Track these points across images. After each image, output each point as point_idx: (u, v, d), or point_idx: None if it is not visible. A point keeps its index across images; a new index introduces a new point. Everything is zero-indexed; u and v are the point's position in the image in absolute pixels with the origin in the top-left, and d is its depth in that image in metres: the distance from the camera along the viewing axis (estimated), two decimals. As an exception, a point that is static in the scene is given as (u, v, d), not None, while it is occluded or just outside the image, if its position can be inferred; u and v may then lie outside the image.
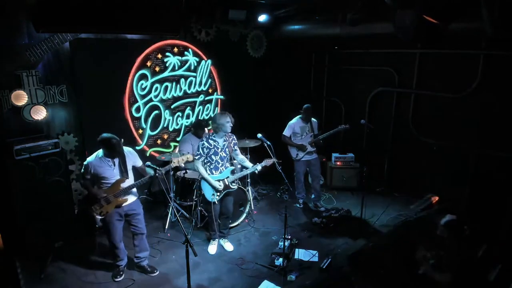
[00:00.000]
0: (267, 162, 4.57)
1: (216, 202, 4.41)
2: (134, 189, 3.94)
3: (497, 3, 3.06)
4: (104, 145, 3.64)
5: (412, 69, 6.09)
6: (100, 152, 3.74)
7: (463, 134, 5.57)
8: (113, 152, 3.67)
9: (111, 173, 3.74)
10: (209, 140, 4.29)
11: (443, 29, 3.37)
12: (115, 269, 4.09)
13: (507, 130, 5.05)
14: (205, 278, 4.12)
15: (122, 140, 3.79)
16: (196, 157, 4.28)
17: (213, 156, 4.32)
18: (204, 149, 4.26)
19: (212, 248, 4.60)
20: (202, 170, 4.31)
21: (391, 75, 6.46)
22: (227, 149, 4.43)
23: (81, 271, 4.17)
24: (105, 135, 3.64)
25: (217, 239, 4.68)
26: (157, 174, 3.64)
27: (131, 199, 3.91)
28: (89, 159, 3.75)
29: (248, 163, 4.64)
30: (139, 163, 3.97)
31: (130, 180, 3.86)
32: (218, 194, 4.40)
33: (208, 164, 4.35)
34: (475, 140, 5.40)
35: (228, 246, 4.71)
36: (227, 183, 4.44)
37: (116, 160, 3.77)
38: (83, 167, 3.80)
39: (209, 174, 4.34)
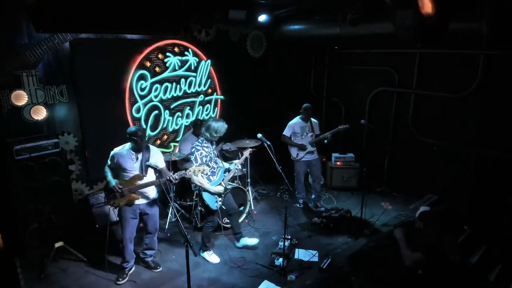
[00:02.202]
0: (246, 153, 4.67)
1: (224, 207, 4.42)
2: (153, 190, 4.00)
3: (493, 4, 3.08)
4: (129, 135, 3.74)
5: (412, 69, 6.09)
6: (128, 145, 3.86)
7: (463, 134, 5.57)
8: (135, 143, 3.75)
9: (132, 166, 3.82)
10: (204, 148, 4.16)
11: (443, 29, 3.37)
12: (120, 271, 4.06)
13: (507, 130, 5.05)
14: (205, 278, 4.12)
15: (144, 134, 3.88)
16: None
17: (209, 163, 4.20)
18: (203, 158, 4.12)
19: (214, 258, 4.46)
20: (204, 182, 4.16)
21: (391, 75, 6.46)
22: (216, 151, 4.42)
23: (81, 271, 4.18)
24: (132, 127, 3.85)
25: (211, 249, 4.58)
26: (174, 180, 3.77)
27: (147, 199, 3.97)
28: (115, 149, 3.88)
29: (222, 163, 4.62)
30: (160, 165, 4.01)
31: (148, 179, 3.89)
32: (220, 199, 4.37)
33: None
34: (475, 140, 5.40)
35: (252, 241, 4.71)
36: (224, 185, 4.40)
37: (140, 155, 3.85)
38: (109, 156, 3.92)
39: (208, 182, 4.22)
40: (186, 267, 3.05)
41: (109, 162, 3.92)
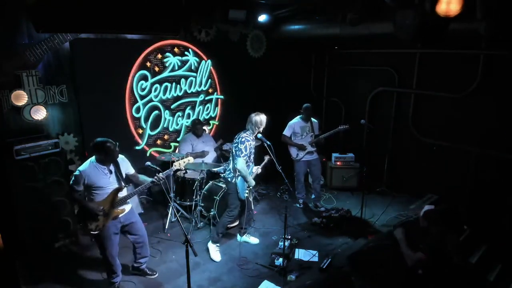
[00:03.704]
0: (266, 159, 4.73)
1: (250, 199, 4.60)
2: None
3: (492, 4, 3.07)
4: (98, 149, 3.40)
5: (412, 69, 6.08)
6: (92, 159, 3.48)
7: (463, 134, 5.56)
8: (109, 157, 3.43)
9: (107, 181, 3.48)
10: (252, 141, 4.32)
11: (443, 29, 3.37)
12: (109, 287, 3.83)
13: (507, 130, 5.05)
14: (205, 278, 4.12)
15: (118, 144, 3.55)
16: (243, 157, 4.21)
17: (250, 156, 4.38)
18: (251, 149, 4.31)
19: (217, 255, 4.48)
20: (246, 169, 4.29)
21: (391, 75, 6.46)
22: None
23: (81, 271, 4.17)
24: (99, 139, 3.42)
25: (219, 246, 4.62)
26: (159, 181, 3.45)
27: (127, 208, 3.71)
28: (81, 167, 3.43)
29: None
30: (131, 170, 3.75)
31: (125, 189, 3.66)
32: (248, 191, 4.50)
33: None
34: (475, 140, 5.40)
35: (254, 240, 4.85)
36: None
37: (112, 168, 3.54)
38: (73, 178, 3.44)
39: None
40: (186, 267, 3.05)
41: (75, 186, 3.43)
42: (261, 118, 4.35)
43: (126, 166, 3.72)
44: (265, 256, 4.53)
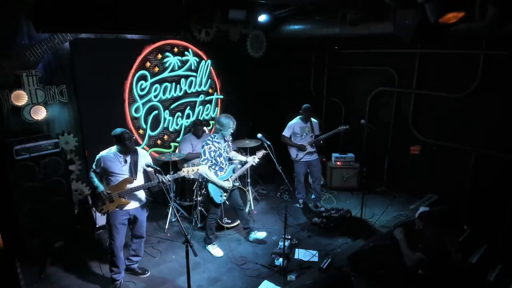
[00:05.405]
0: (259, 153, 4.69)
1: (227, 202, 4.53)
2: (142, 194, 3.88)
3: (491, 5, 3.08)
4: (114, 138, 3.63)
5: (412, 69, 6.08)
6: (114, 147, 3.72)
7: (463, 134, 5.56)
8: (122, 146, 3.63)
9: (120, 169, 3.68)
10: (214, 143, 4.29)
11: (443, 29, 3.37)
12: (111, 285, 3.87)
13: (507, 130, 5.05)
14: (205, 278, 4.12)
15: (134, 137, 3.72)
16: (203, 162, 4.21)
17: (218, 158, 4.34)
18: (211, 152, 4.26)
19: (218, 251, 4.56)
20: (210, 174, 4.30)
21: (391, 75, 6.46)
22: (227, 149, 4.48)
23: (81, 271, 4.17)
24: (117, 129, 3.66)
25: (215, 242, 4.67)
26: (166, 183, 3.54)
27: (137, 203, 3.82)
28: (102, 153, 3.72)
29: (240, 157, 4.73)
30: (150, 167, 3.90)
31: (138, 182, 3.76)
32: (225, 194, 4.46)
33: (213, 166, 4.35)
34: (475, 140, 5.40)
35: (261, 234, 4.82)
36: (231, 182, 4.50)
37: (128, 158, 3.72)
38: (95, 161, 3.75)
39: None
40: (186, 267, 3.05)
41: (94, 166, 3.74)
42: (226, 121, 4.25)
43: (145, 161, 3.82)
44: (265, 256, 4.53)
